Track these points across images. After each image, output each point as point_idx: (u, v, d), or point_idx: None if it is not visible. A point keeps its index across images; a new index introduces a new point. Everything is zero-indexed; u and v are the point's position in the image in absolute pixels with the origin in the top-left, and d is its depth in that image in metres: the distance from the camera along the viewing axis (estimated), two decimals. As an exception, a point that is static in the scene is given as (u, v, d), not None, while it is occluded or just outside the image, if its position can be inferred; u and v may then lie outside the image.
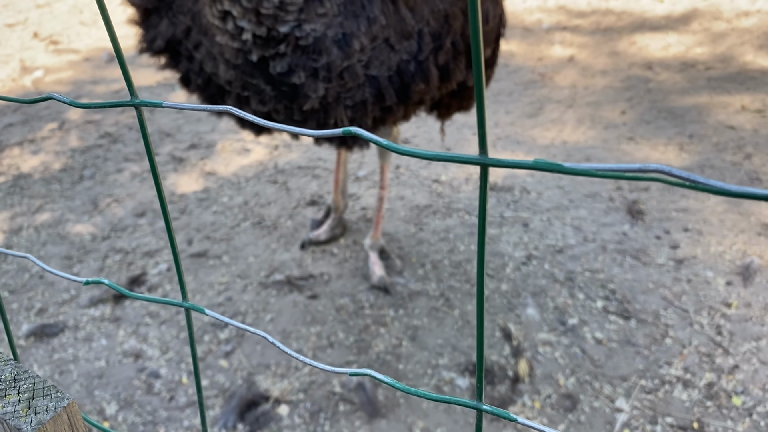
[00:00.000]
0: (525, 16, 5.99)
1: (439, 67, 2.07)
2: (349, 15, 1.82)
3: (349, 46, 1.84)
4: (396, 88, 1.99)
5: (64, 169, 4.15)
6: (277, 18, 1.76)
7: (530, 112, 4.47)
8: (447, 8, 1.98)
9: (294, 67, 1.85)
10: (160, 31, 2.08)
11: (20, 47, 6.35)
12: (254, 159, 4.15)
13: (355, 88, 1.94)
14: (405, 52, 1.95)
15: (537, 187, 3.63)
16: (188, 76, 2.13)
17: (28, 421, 0.53)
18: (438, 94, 2.23)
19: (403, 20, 1.90)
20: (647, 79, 4.67)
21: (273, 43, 1.81)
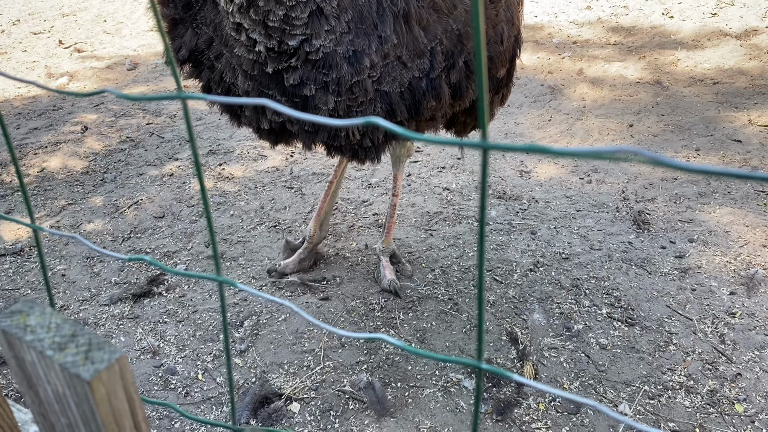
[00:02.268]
0: (535, 31, 6.10)
1: (451, 85, 2.13)
2: (360, 33, 1.89)
3: (359, 62, 1.91)
4: (407, 104, 2.06)
5: (86, 172, 4.28)
6: (285, 31, 1.84)
7: (539, 124, 4.56)
8: (461, 28, 2.03)
9: (305, 80, 1.93)
10: (185, 41, 2.17)
11: (45, 54, 6.52)
12: (271, 165, 4.26)
13: (366, 102, 2.01)
14: (417, 69, 2.01)
15: (545, 196, 3.71)
16: (209, 85, 2.22)
17: (87, 369, 0.62)
18: (450, 111, 2.29)
19: (416, 39, 1.97)
20: (655, 93, 4.75)
21: (285, 56, 1.89)
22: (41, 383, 0.63)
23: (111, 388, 0.61)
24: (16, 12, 7.99)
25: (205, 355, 2.75)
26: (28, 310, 0.68)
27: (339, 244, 3.44)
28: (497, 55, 2.27)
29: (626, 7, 6.36)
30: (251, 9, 1.81)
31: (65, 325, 0.67)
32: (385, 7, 1.90)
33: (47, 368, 0.62)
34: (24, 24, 7.55)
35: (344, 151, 2.26)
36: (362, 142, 2.16)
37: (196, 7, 2.11)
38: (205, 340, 2.85)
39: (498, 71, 2.34)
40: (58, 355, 0.61)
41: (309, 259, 3.25)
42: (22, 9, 8.07)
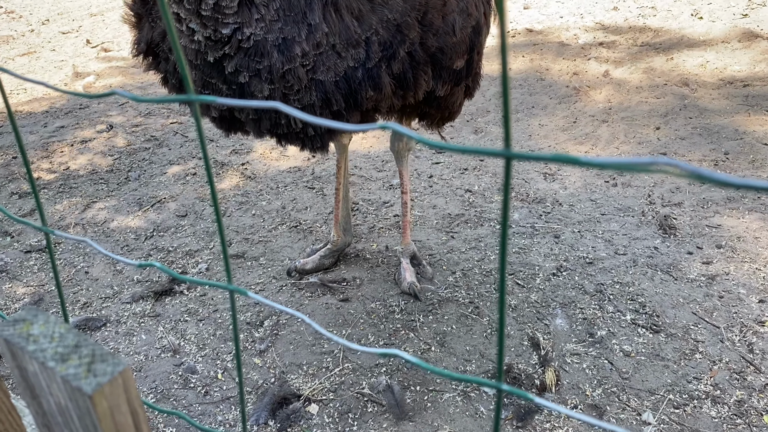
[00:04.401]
0: (561, 31, 6.03)
1: (394, 76, 2.13)
2: (290, 21, 1.93)
3: (290, 50, 1.95)
4: (343, 93, 2.08)
5: (111, 170, 4.33)
6: (218, 20, 1.89)
7: (564, 126, 4.50)
8: (398, 18, 2.03)
9: (240, 68, 1.98)
10: (143, 34, 2.25)
11: (73, 53, 6.61)
12: (292, 165, 4.26)
13: (302, 90, 2.04)
14: (352, 59, 2.03)
15: (569, 199, 3.66)
16: (166, 76, 2.29)
17: (89, 382, 0.60)
18: (400, 102, 2.27)
19: (348, 28, 1.99)
20: (683, 95, 4.66)
21: (220, 44, 1.94)
22: (44, 395, 0.62)
23: (114, 402, 0.59)
24: (46, 12, 8.11)
25: (225, 354, 2.76)
26: (32, 319, 0.67)
27: (359, 246, 3.43)
28: (450, 46, 2.23)
29: (654, 8, 6.25)
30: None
31: (69, 335, 0.66)
32: None
33: (49, 380, 0.60)
34: (53, 23, 7.67)
35: (291, 139, 2.28)
36: (306, 130, 2.19)
37: (151, 2, 2.17)
38: (225, 340, 2.85)
39: (454, 63, 2.30)
40: (60, 367, 0.60)
41: (331, 257, 3.25)
42: (51, 9, 8.20)
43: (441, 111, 2.54)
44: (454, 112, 2.59)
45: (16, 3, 8.54)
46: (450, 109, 2.54)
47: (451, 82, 2.36)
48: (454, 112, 2.60)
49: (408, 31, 2.07)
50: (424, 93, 2.30)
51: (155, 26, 2.19)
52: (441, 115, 2.59)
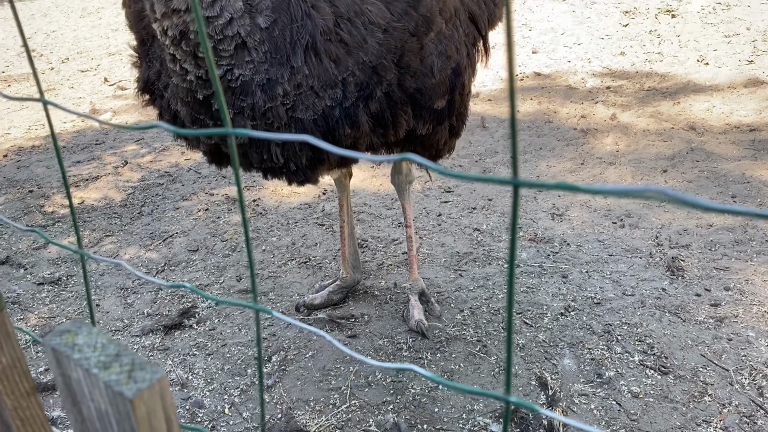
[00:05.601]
0: (569, 75, 6.13)
1: (372, 115, 2.22)
2: (275, 63, 2.04)
3: (273, 90, 2.06)
4: (322, 131, 2.17)
5: (124, 205, 4.40)
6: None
7: (572, 168, 4.55)
8: (374, 61, 2.13)
9: (227, 105, 2.08)
10: (141, 73, 2.38)
11: (91, 91, 6.78)
12: (303, 202, 4.32)
13: (281, 128, 2.14)
14: (330, 98, 2.13)
15: (576, 240, 3.68)
16: (161, 112, 2.40)
17: (129, 387, 0.64)
18: (381, 141, 2.35)
19: (326, 70, 2.09)
20: (690, 139, 4.72)
21: (209, 83, 2.04)
22: (85, 401, 0.66)
23: (151, 407, 0.63)
24: (66, 51, 8.34)
25: (233, 389, 2.76)
26: (77, 330, 0.71)
27: (368, 282, 3.45)
28: (429, 87, 2.31)
29: (660, 54, 6.37)
30: (183, 41, 1.96)
31: (110, 345, 0.70)
32: (296, 40, 2.04)
33: (92, 386, 0.64)
34: (72, 62, 7.88)
35: (276, 174, 2.37)
36: (288, 165, 2.28)
37: (148, 43, 2.29)
38: (233, 374, 2.86)
39: (434, 103, 2.38)
40: (102, 373, 0.64)
41: (339, 293, 3.27)
42: (71, 48, 8.43)
43: (427, 149, 2.62)
44: (440, 150, 2.66)
45: (37, 42, 8.79)
46: (435, 147, 2.60)
47: (433, 121, 2.44)
48: (441, 150, 2.67)
49: (384, 73, 2.17)
50: (405, 131, 2.38)
51: (151, 66, 2.31)
52: (428, 154, 2.66)
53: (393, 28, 2.13)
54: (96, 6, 10.48)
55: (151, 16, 2.02)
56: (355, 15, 2.09)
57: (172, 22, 1.95)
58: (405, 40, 2.17)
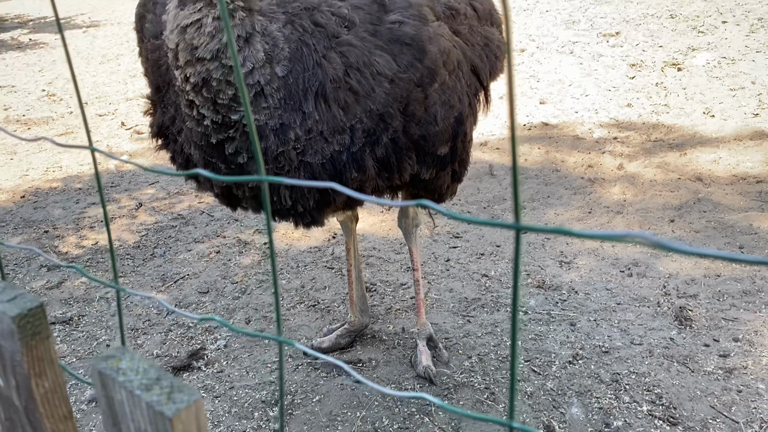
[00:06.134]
0: (576, 126, 6.24)
1: (378, 160, 2.31)
2: (288, 109, 2.13)
3: (285, 135, 2.15)
4: (329, 174, 2.25)
5: (137, 246, 4.47)
6: (231, 108, 2.09)
7: (579, 216, 4.60)
8: (381, 109, 2.23)
9: (239, 149, 2.17)
10: (156, 119, 2.50)
11: (108, 135, 6.95)
12: (313, 245, 4.37)
13: (291, 171, 2.22)
14: (338, 143, 2.22)
15: (584, 287, 3.70)
16: (174, 156, 2.51)
17: (169, 407, 0.69)
18: (386, 184, 2.45)
19: (335, 117, 2.18)
20: (697, 190, 4.76)
21: (225, 128, 2.13)
22: (126, 420, 0.70)
23: (188, 427, 0.67)
24: (85, 95, 8.57)
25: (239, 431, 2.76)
26: (121, 356, 0.76)
27: (376, 326, 3.47)
28: (433, 134, 2.40)
29: (667, 105, 6.47)
30: (204, 88, 2.05)
31: (151, 369, 0.76)
32: (308, 88, 2.14)
33: (134, 406, 0.69)
34: (91, 106, 8.09)
35: (283, 215, 2.44)
36: (295, 207, 2.34)
37: (164, 90, 2.40)
38: (240, 418, 2.86)
39: (437, 149, 2.47)
40: (145, 395, 0.68)
41: (346, 337, 3.29)
42: (90, 93, 8.67)
43: (430, 193, 2.71)
44: (443, 194, 2.75)
45: (58, 87, 9.05)
46: (439, 191, 2.69)
47: (436, 166, 2.53)
48: (444, 194, 2.76)
49: (390, 120, 2.26)
50: (410, 176, 2.47)
51: (166, 112, 2.42)
52: (431, 197, 2.75)
53: (399, 78, 2.24)
54: (115, 53, 10.80)
55: (173, 63, 2.12)
56: (364, 66, 2.19)
57: (195, 69, 2.05)
58: (410, 90, 2.27)
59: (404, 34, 2.26)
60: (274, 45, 2.10)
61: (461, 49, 2.52)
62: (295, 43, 2.13)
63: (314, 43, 2.16)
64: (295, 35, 2.14)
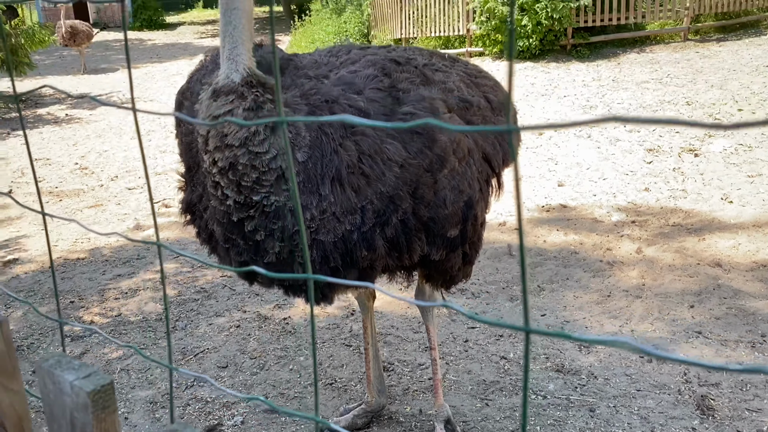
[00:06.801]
0: (594, 209, 6.32)
1: (388, 240, 2.40)
2: (306, 191, 2.27)
3: (301, 214, 2.24)
4: (341, 252, 2.35)
5: (159, 319, 4.54)
6: (253, 190, 2.22)
7: (598, 299, 4.60)
8: (391, 191, 2.34)
9: (258, 228, 2.28)
10: (185, 196, 2.67)
11: (136, 208, 7.17)
12: (331, 322, 4.41)
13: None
14: (349, 223, 2.33)
15: (604, 372, 3.67)
16: (199, 231, 2.65)
17: None
18: (396, 264, 2.53)
19: (348, 199, 2.31)
20: (716, 276, 4.76)
21: (246, 208, 2.25)
22: None
23: None
24: (115, 169, 8.89)
25: None
26: (183, 430, 0.82)
27: (393, 407, 3.45)
28: (442, 217, 2.49)
29: (684, 191, 6.55)
30: (230, 171, 2.19)
31: None
32: (324, 172, 2.27)
33: None
34: (121, 180, 8.38)
35: (295, 291, 2.55)
36: (307, 283, 2.40)
37: (194, 170, 2.57)
38: (254, 497, 2.84)
39: (447, 231, 2.55)
40: None
41: (362, 417, 3.28)
42: (120, 167, 8.99)
43: (441, 274, 2.79)
44: (454, 276, 2.81)
45: (90, 160, 9.40)
46: (449, 272, 2.76)
47: (446, 248, 2.61)
48: (455, 276, 2.82)
49: (400, 202, 2.37)
50: (420, 256, 2.55)
51: (194, 190, 2.58)
52: (443, 278, 2.84)
53: (409, 164, 2.37)
54: (147, 129, 11.24)
55: (203, 148, 2.27)
56: (376, 153, 2.33)
57: (223, 155, 2.19)
58: (420, 175, 2.40)
59: None
60: (297, 133, 2.26)
61: (473, 137, 2.65)
62: (315, 132, 2.29)
63: (332, 132, 2.32)
64: (315, 124, 2.30)
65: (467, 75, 2.97)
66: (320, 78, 2.51)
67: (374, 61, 2.62)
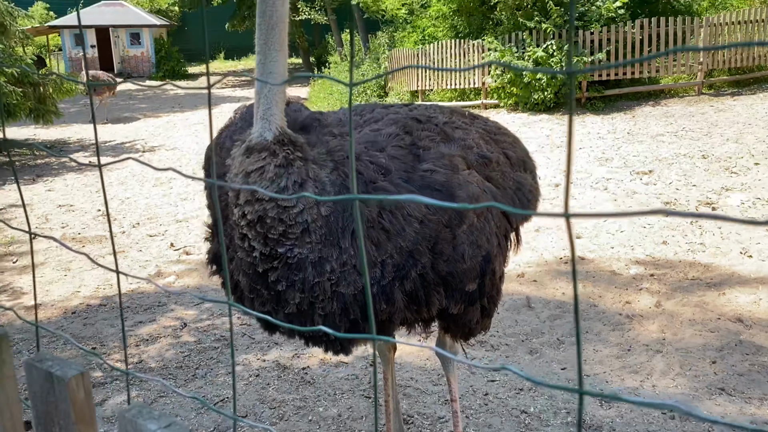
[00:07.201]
0: (612, 261, 6.32)
1: (406, 293, 2.44)
2: (328, 244, 2.32)
3: (322, 267, 2.33)
4: (360, 304, 2.39)
5: (180, 367, 4.57)
6: (279, 242, 2.29)
7: (618, 354, 4.57)
8: (410, 246, 2.40)
9: (280, 278, 2.34)
10: (212, 247, 2.77)
11: (158, 255, 7.28)
12: (350, 373, 4.41)
13: (325, 300, 2.37)
14: (369, 277, 2.34)
15: (626, 428, 3.63)
16: (224, 281, 2.71)
17: None
18: (415, 317, 2.57)
19: (368, 252, 2.35)
20: (738, 331, 4.72)
21: (271, 259, 2.32)
22: None
23: None
24: (137, 216, 9.05)
25: None
26: None
27: (413, 461, 3.43)
28: (461, 271, 2.53)
29: (703, 244, 6.54)
30: (258, 224, 2.27)
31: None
32: (345, 226, 2.34)
33: None
34: (142, 227, 8.52)
35: (316, 342, 2.59)
36: (328, 335, 2.47)
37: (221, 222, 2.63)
38: None
39: (465, 285, 2.58)
40: None
41: None
42: (142, 214, 9.15)
43: (459, 327, 2.82)
44: (473, 329, 2.85)
45: (113, 207, 9.58)
46: (468, 326, 2.80)
47: (464, 302, 2.65)
48: (474, 329, 2.85)
49: (419, 257, 2.42)
50: (438, 309, 2.59)
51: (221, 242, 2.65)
52: (461, 331, 2.87)
53: (428, 220, 2.44)
54: (168, 176, 11.46)
55: (233, 202, 2.36)
56: (396, 208, 2.41)
57: (253, 208, 2.28)
58: (439, 230, 2.46)
59: (435, 180, 2.49)
60: (322, 189, 2.35)
61: (492, 193, 2.72)
62: (339, 187, 2.38)
63: (353, 188, 2.39)
64: (339, 180, 2.39)
65: (486, 132, 3.06)
66: (344, 136, 2.61)
67: (396, 119, 2.72)
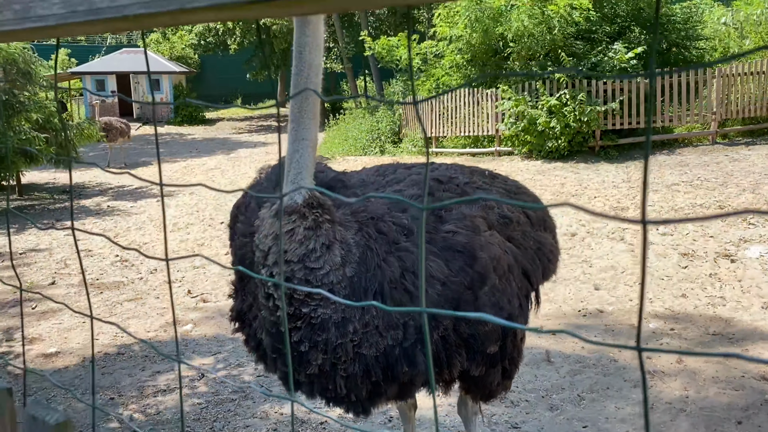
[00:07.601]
0: (631, 314, 6.26)
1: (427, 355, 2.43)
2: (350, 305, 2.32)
3: (345, 328, 2.33)
4: (382, 367, 2.39)
5: (197, 419, 4.54)
6: (304, 302, 2.31)
7: (640, 412, 4.49)
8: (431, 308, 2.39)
9: (303, 339, 2.34)
10: (236, 304, 2.78)
11: (175, 302, 7.30)
12: (369, 429, 4.36)
13: (347, 361, 2.36)
14: (391, 338, 2.38)
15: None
16: (247, 338, 2.73)
17: None
18: (437, 378, 2.57)
19: (390, 315, 2.36)
20: (763, 390, 4.64)
21: (295, 319, 2.33)
22: None
23: None
24: (155, 262, 9.11)
25: None
26: None
27: None
28: (482, 333, 2.53)
29: (723, 298, 6.48)
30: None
31: None
32: (368, 286, 2.36)
33: None
34: (159, 273, 8.57)
35: (337, 402, 2.56)
36: (349, 396, 2.46)
37: (246, 281, 2.69)
38: None
39: (487, 348, 2.58)
40: None
41: None
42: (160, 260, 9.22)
43: (480, 389, 2.82)
44: (493, 390, 2.84)
45: (131, 253, 9.66)
46: (489, 387, 2.79)
47: (486, 364, 2.64)
48: (494, 391, 2.85)
49: (441, 319, 2.43)
50: (459, 371, 2.59)
51: (245, 300, 2.70)
52: (481, 393, 2.87)
53: (450, 281, 2.45)
54: (186, 222, 11.57)
55: (261, 261, 2.39)
56: (418, 269, 2.41)
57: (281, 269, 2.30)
58: (461, 292, 2.47)
59: (457, 242, 2.51)
60: (348, 250, 2.38)
61: (513, 254, 2.74)
62: (362, 248, 2.41)
63: (377, 248, 2.44)
64: (363, 241, 2.43)
65: (506, 191, 3.11)
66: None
67: (418, 180, 2.78)
